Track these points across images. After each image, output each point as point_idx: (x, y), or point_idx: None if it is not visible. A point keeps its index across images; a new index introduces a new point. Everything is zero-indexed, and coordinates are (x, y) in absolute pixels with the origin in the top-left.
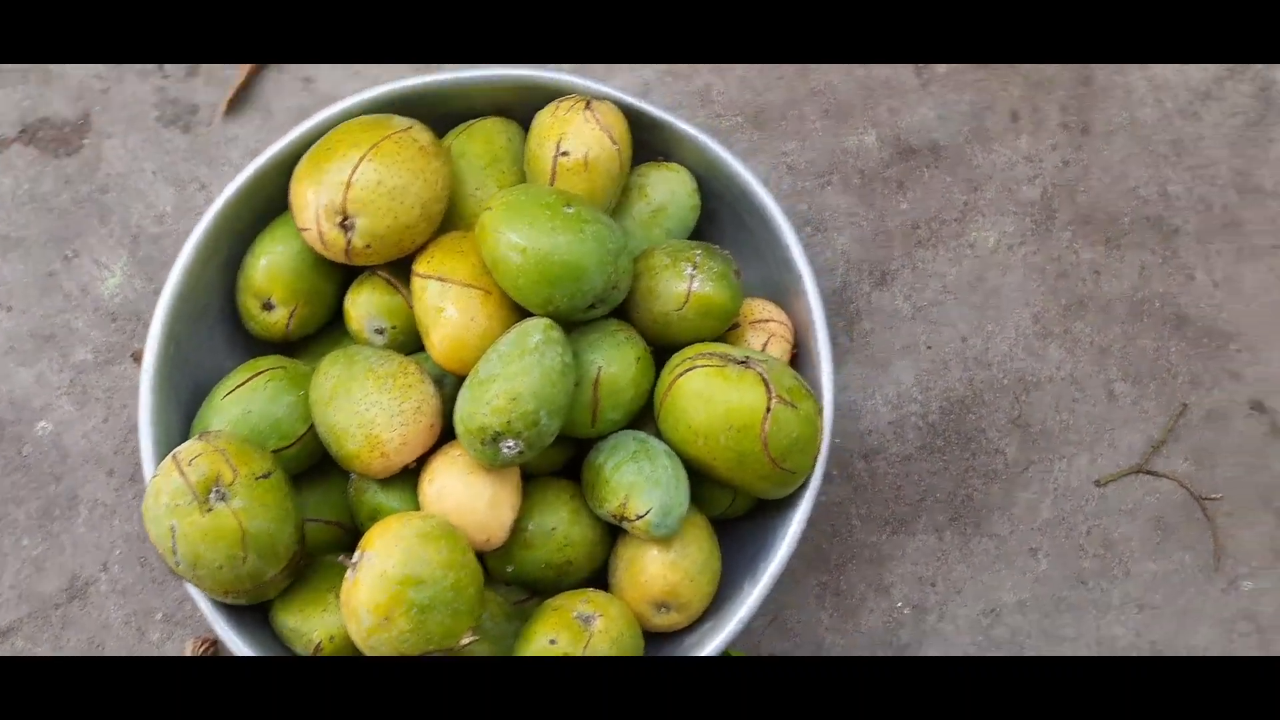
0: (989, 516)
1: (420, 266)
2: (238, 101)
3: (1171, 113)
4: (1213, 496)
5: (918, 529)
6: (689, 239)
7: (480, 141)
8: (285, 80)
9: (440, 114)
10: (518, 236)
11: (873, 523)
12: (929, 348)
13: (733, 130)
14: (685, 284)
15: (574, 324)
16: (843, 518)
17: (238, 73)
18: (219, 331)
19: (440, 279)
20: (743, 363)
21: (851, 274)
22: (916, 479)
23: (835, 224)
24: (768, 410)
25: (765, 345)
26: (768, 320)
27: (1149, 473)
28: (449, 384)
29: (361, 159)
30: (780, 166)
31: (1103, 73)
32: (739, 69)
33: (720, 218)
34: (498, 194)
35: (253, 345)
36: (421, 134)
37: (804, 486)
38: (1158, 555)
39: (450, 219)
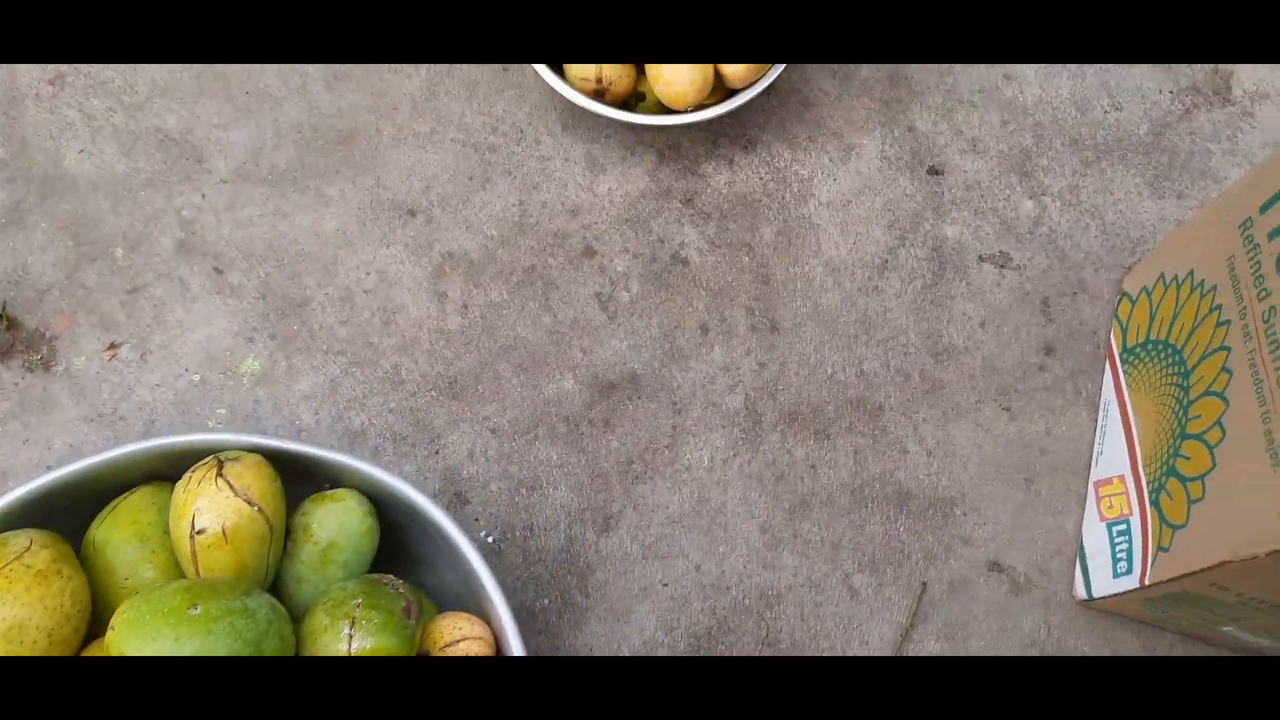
0: None
1: None
2: None
3: (853, 292)
4: None
5: None
6: (370, 571)
7: (126, 524)
8: None
9: (96, 493)
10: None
11: None
12: (665, 585)
13: (430, 405)
14: (344, 644)
15: None
16: None
17: None
18: None
19: None
20: None
21: (575, 526)
22: None
23: (550, 479)
24: None
25: None
26: (460, 640)
27: None
28: None
29: None
30: (484, 432)
31: (780, 268)
32: (424, 343)
33: (407, 529)
34: (120, 609)
35: None
36: (38, 555)
37: None
38: None
39: (104, 620)
